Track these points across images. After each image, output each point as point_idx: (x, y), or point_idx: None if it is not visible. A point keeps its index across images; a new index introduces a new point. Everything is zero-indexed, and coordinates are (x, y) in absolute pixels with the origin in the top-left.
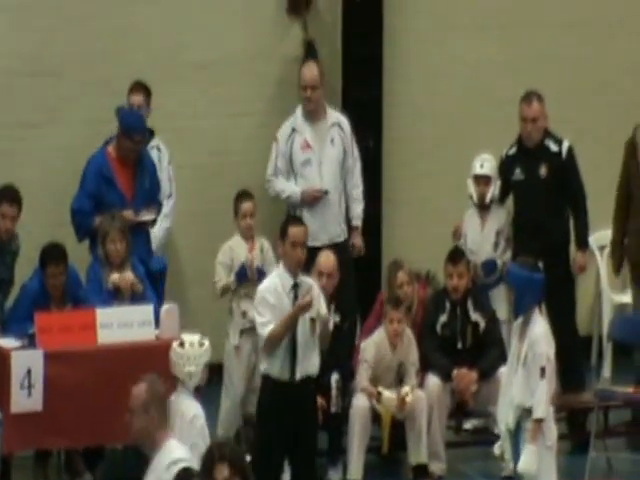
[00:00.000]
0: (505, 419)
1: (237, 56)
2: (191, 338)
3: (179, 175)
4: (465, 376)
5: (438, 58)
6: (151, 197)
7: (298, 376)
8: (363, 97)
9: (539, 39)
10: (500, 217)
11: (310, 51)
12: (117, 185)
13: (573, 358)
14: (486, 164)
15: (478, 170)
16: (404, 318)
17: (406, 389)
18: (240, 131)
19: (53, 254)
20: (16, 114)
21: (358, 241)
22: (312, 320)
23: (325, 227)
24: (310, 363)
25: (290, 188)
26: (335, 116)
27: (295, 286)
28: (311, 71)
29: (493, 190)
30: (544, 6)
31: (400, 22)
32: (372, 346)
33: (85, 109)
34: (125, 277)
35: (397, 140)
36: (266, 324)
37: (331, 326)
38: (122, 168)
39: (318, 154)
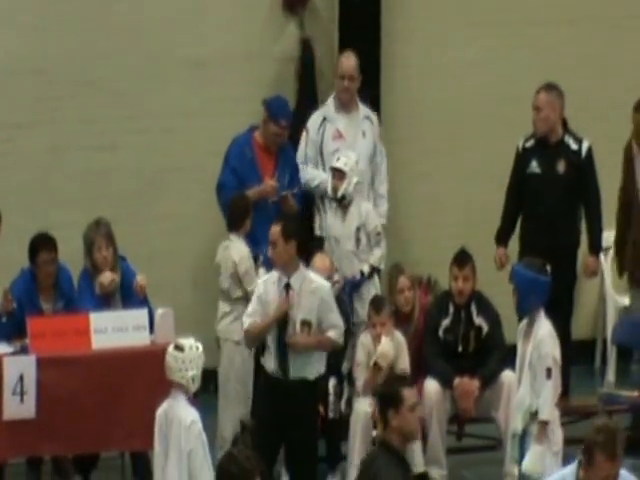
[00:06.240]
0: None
1: (232, 55)
2: (189, 342)
3: (174, 177)
4: (466, 386)
5: (437, 57)
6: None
7: (292, 376)
8: (361, 97)
9: (539, 37)
10: (361, 213)
11: (306, 50)
12: (258, 169)
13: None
14: (342, 159)
15: (334, 163)
16: (388, 322)
17: None
18: (236, 131)
19: (44, 241)
20: (4, 114)
21: None
22: (303, 323)
23: None
24: (306, 366)
25: (320, 176)
26: (366, 110)
27: (287, 286)
28: (350, 61)
29: (346, 187)
30: (544, 3)
31: (398, 20)
32: (361, 348)
33: (75, 109)
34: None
35: (396, 141)
36: (249, 315)
37: (335, 335)
38: (265, 155)
39: (350, 145)
